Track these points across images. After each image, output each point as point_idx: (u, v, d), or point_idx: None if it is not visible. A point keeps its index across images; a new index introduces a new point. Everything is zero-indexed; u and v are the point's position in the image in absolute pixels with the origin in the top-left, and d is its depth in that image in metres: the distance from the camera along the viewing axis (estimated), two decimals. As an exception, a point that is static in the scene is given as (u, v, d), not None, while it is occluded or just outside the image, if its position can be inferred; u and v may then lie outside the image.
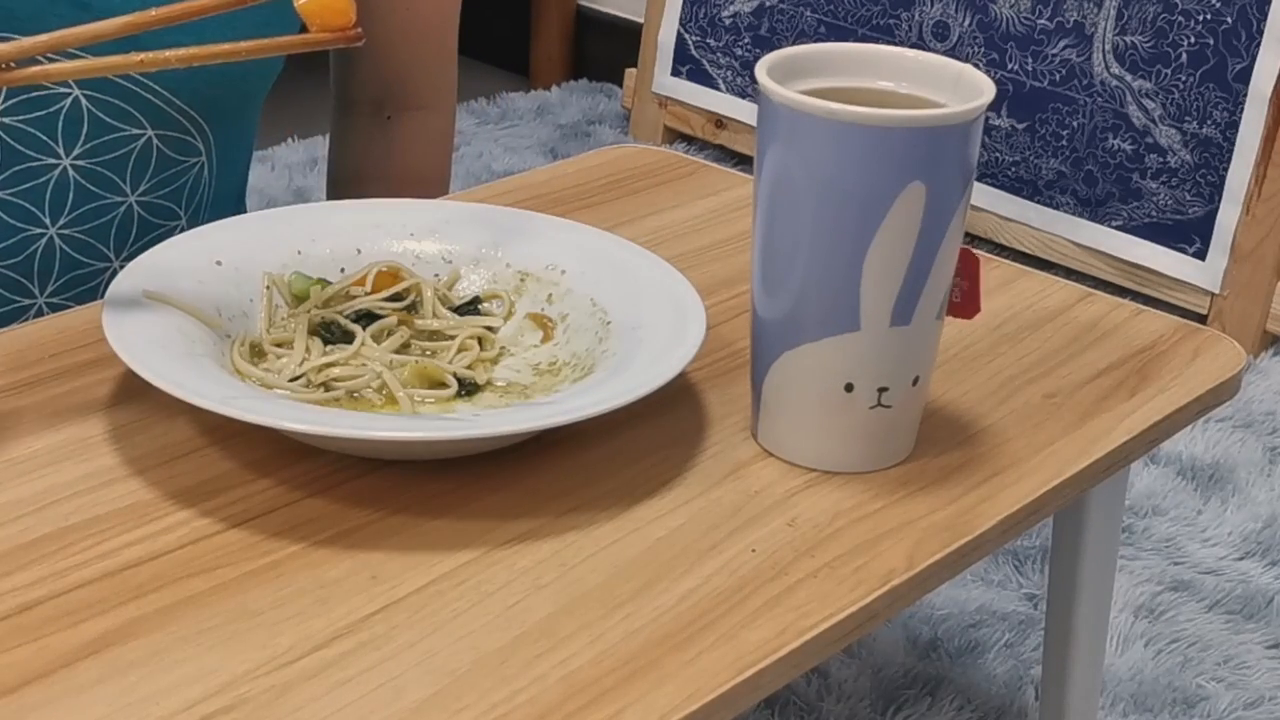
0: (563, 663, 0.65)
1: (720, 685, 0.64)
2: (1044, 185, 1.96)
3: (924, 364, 0.78)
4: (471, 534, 0.72)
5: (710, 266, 0.98)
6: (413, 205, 0.93)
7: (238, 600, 0.67)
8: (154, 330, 0.79)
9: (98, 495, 0.73)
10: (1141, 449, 0.86)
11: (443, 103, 1.16)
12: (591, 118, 2.43)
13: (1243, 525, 1.49)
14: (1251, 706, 1.26)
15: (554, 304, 0.87)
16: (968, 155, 0.74)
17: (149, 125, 0.96)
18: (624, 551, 0.72)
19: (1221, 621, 1.36)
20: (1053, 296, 0.98)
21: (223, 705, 0.61)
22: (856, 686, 1.23)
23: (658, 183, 1.10)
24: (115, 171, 0.96)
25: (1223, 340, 0.94)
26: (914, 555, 0.73)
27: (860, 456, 0.78)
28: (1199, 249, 1.86)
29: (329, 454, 0.77)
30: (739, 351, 0.87)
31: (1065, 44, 1.92)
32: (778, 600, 0.69)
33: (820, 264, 0.74)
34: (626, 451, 0.79)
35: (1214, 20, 1.81)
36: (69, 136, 0.94)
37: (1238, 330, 1.82)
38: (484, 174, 2.21)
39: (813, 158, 0.73)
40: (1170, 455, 1.59)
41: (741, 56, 2.20)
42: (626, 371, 0.79)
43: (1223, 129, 1.82)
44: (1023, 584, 1.38)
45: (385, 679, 0.63)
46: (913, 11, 2.03)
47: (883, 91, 0.78)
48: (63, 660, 0.63)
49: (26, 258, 0.95)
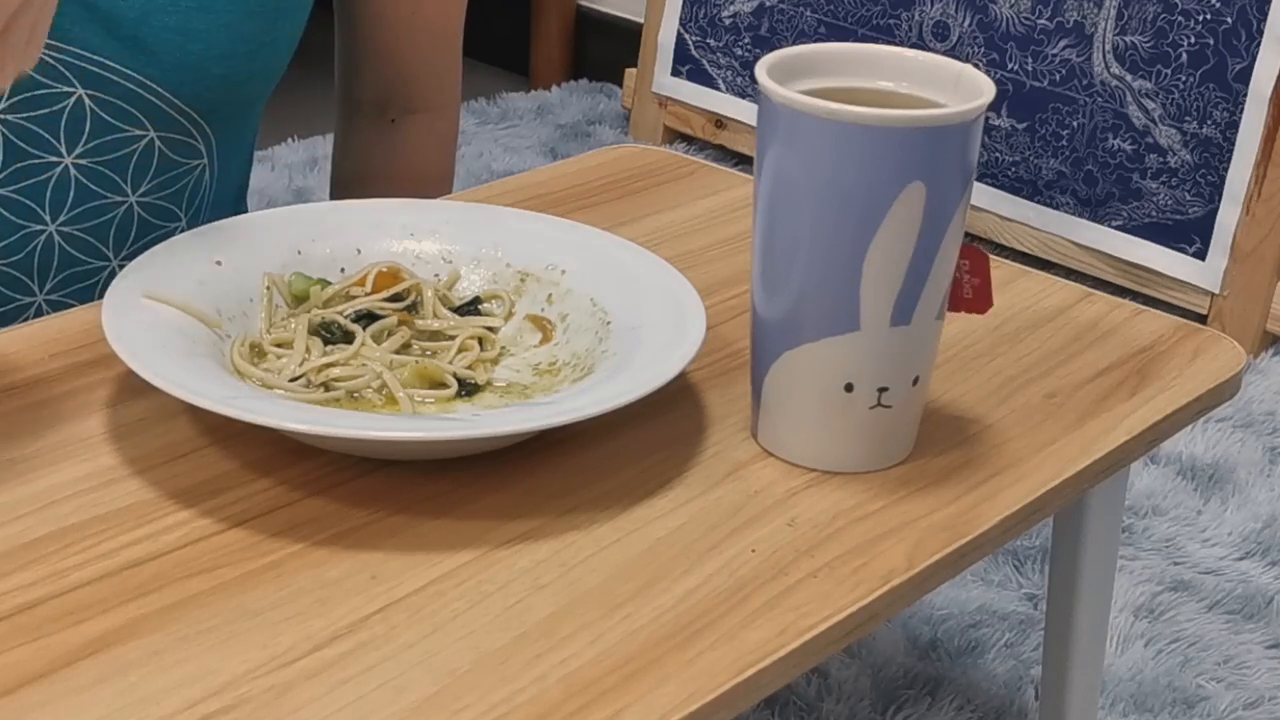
0: (563, 663, 0.65)
1: (720, 685, 0.64)
2: (1044, 185, 1.96)
3: (924, 364, 0.78)
4: (471, 534, 0.72)
5: (710, 266, 0.98)
6: (413, 205, 0.93)
7: (238, 600, 0.67)
8: (154, 330, 0.79)
9: (98, 495, 0.73)
10: (1141, 449, 0.86)
11: (447, 105, 1.16)
12: (591, 118, 2.43)
13: (1243, 525, 1.49)
14: (1251, 706, 1.26)
15: (554, 304, 0.87)
16: (968, 155, 0.74)
17: (151, 127, 0.96)
18: (624, 551, 0.72)
19: (1221, 621, 1.35)
20: (1053, 296, 0.98)
21: (223, 705, 0.61)
22: (856, 686, 1.23)
23: (658, 183, 1.10)
24: (116, 171, 0.96)
25: (1223, 340, 0.94)
26: (914, 555, 0.73)
27: (860, 456, 0.78)
28: (1199, 249, 1.86)
29: (329, 454, 0.77)
30: (739, 351, 0.87)
31: (1065, 44, 1.92)
32: (778, 600, 0.69)
33: (820, 264, 0.74)
34: (626, 451, 0.79)
35: (1214, 20, 1.81)
36: (71, 135, 0.94)
37: (1238, 330, 1.82)
38: (484, 174, 2.21)
39: (813, 158, 0.73)
40: (1170, 455, 1.59)
41: (741, 56, 2.20)
42: (626, 371, 0.79)
43: (1223, 129, 1.82)
44: (1023, 584, 1.38)
45: (385, 679, 0.63)
46: (913, 11, 2.03)
47: (883, 91, 0.78)
48: (63, 660, 0.63)
49: (26, 255, 0.95)
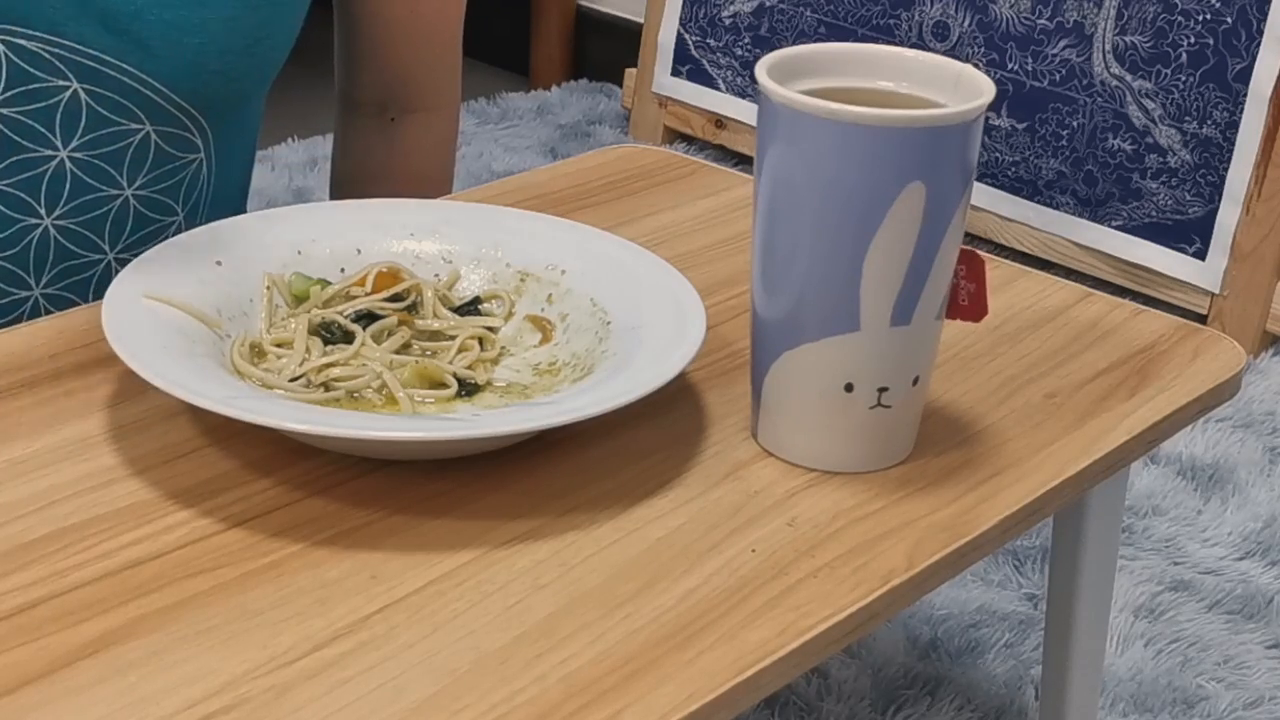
0: (563, 663, 0.64)
1: (720, 685, 0.64)
2: (1044, 185, 1.96)
3: (924, 364, 0.78)
4: (471, 534, 0.72)
5: (710, 266, 0.98)
6: (413, 205, 0.93)
7: (238, 600, 0.67)
8: (154, 330, 0.79)
9: (98, 495, 0.73)
10: (1141, 449, 0.86)
11: (447, 105, 1.16)
12: (591, 118, 2.43)
13: (1243, 525, 1.49)
14: (1251, 706, 1.26)
15: (554, 304, 0.87)
16: (968, 155, 0.74)
17: (147, 120, 0.96)
18: (624, 551, 0.72)
19: (1221, 621, 1.35)
20: (1053, 296, 0.98)
21: (223, 705, 0.61)
22: (856, 686, 1.23)
23: (658, 183, 1.10)
24: (112, 165, 0.96)
25: (1223, 340, 0.94)
26: (914, 555, 0.73)
27: (860, 456, 0.78)
28: (1199, 249, 1.86)
29: (329, 454, 0.77)
30: (739, 351, 0.87)
31: (1065, 44, 1.92)
32: (778, 600, 0.69)
33: (820, 264, 0.74)
34: (626, 451, 0.79)
35: (1214, 20, 1.81)
36: (67, 129, 0.94)
37: (1238, 330, 1.82)
38: (484, 174, 2.21)
39: (813, 158, 0.73)
40: (1170, 455, 1.59)
41: (741, 56, 2.20)
42: (626, 371, 0.79)
43: (1223, 129, 1.82)
44: (1023, 584, 1.38)
45: (385, 679, 0.63)
46: (913, 11, 2.03)
47: (883, 91, 0.78)
48: (63, 660, 0.63)
49: (22, 249, 0.96)
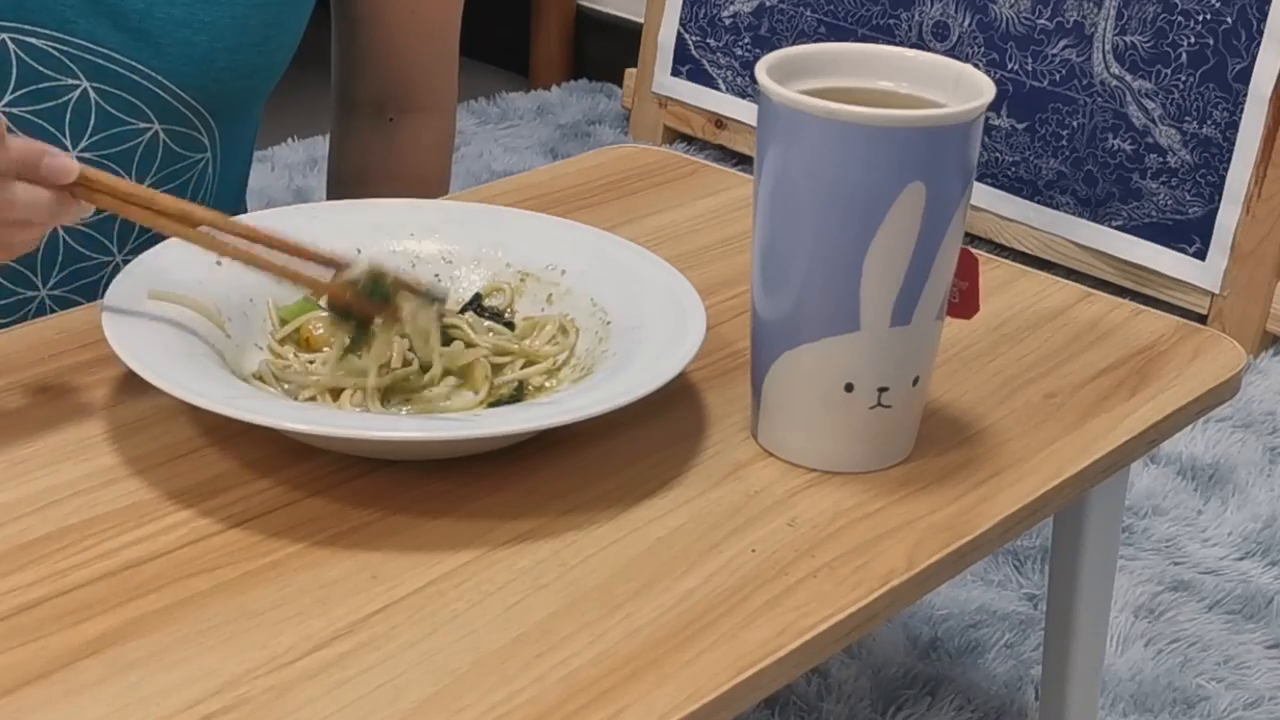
0: (563, 663, 0.64)
1: (720, 685, 0.64)
2: (1044, 185, 1.96)
3: (924, 364, 0.78)
4: (471, 534, 0.72)
5: (710, 266, 0.98)
6: (413, 205, 0.93)
7: (238, 600, 0.67)
8: (154, 330, 0.79)
9: (98, 495, 0.73)
10: (1141, 449, 0.86)
11: (444, 105, 1.16)
12: (591, 118, 2.43)
13: (1243, 525, 1.49)
14: (1251, 706, 1.26)
15: (554, 304, 0.87)
16: (968, 155, 0.74)
17: (156, 119, 0.96)
18: (624, 551, 0.72)
19: (1221, 621, 1.35)
20: (1053, 296, 0.98)
21: (223, 705, 0.61)
22: (856, 686, 1.23)
23: (658, 183, 1.10)
24: (121, 164, 0.96)
25: (1223, 340, 0.94)
26: (914, 555, 0.73)
27: (860, 456, 0.78)
28: (1199, 249, 1.86)
29: (329, 454, 0.77)
30: (739, 351, 0.87)
31: (1065, 44, 1.92)
32: (778, 600, 0.69)
33: (820, 264, 0.74)
34: (626, 451, 0.79)
35: (1214, 20, 1.81)
36: (76, 128, 0.94)
37: (1238, 330, 1.82)
38: (484, 174, 2.21)
39: (813, 158, 0.73)
40: (1170, 455, 1.59)
41: (741, 56, 2.20)
42: (626, 371, 0.79)
43: (1223, 129, 1.82)
44: (1023, 584, 1.38)
45: (385, 679, 0.63)
46: (913, 11, 2.03)
47: (883, 91, 0.78)
48: (63, 660, 0.63)
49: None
